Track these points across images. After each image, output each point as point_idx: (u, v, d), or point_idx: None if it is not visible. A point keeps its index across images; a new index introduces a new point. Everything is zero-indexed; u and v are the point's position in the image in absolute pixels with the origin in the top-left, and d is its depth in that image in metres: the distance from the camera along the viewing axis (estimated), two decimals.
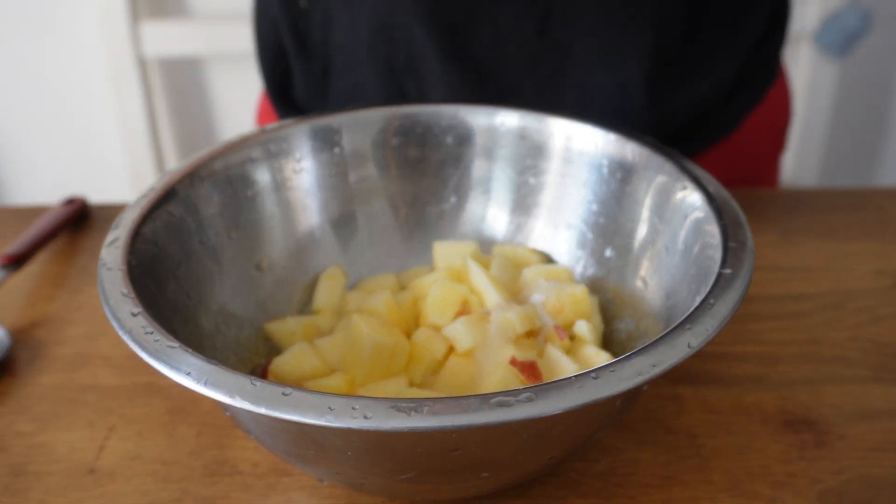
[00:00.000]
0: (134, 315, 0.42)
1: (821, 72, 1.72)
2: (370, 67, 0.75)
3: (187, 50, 1.67)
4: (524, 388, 0.36)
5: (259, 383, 0.37)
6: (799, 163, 1.79)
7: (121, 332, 0.41)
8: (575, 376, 0.37)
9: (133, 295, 0.43)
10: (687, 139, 0.78)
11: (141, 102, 1.70)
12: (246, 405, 0.36)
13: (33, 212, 0.79)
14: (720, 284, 0.43)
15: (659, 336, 0.40)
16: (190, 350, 0.39)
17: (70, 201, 0.78)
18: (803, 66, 1.71)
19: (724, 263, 0.45)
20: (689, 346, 0.39)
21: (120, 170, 1.84)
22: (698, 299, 0.43)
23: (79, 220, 0.78)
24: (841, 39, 1.70)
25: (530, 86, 0.73)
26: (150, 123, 1.73)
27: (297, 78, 0.81)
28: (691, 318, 0.40)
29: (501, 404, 0.35)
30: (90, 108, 1.80)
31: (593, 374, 0.37)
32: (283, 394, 0.36)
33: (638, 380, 0.37)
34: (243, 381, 0.37)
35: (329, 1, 0.73)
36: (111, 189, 1.83)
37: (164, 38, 1.65)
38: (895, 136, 1.91)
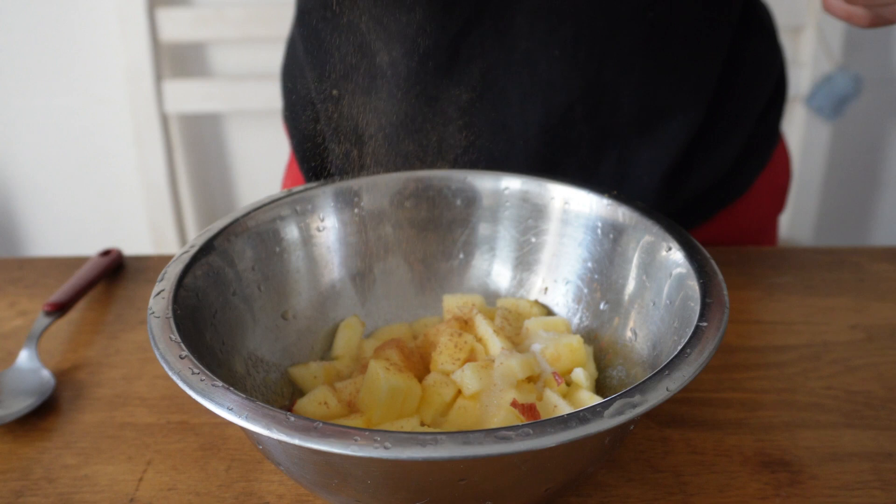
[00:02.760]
0: (181, 358, 0.47)
1: (813, 133, 1.79)
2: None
3: (207, 107, 1.75)
4: (523, 424, 0.42)
5: (293, 417, 0.42)
6: (793, 221, 1.85)
7: (171, 373, 0.46)
8: (567, 415, 0.42)
9: (179, 340, 0.49)
10: (703, 204, 0.84)
11: (162, 156, 1.77)
12: (282, 437, 0.42)
13: (71, 262, 0.85)
14: (697, 336, 0.49)
15: (640, 381, 0.45)
16: (231, 389, 0.45)
17: (106, 252, 0.84)
18: (796, 129, 1.78)
19: (701, 317, 0.50)
20: (667, 390, 0.44)
21: (140, 221, 1.91)
22: (679, 348, 0.49)
23: (115, 270, 0.84)
24: (832, 102, 1.77)
25: (571, 161, 0.79)
26: (171, 176, 1.80)
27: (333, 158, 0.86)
28: (670, 366, 0.46)
29: (503, 438, 0.41)
30: (114, 162, 1.87)
31: (582, 413, 0.43)
32: (315, 427, 0.42)
33: (622, 418, 0.43)
34: (280, 415, 0.43)
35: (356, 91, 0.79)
36: (132, 239, 1.90)
37: (186, 96, 1.73)
38: (887, 195, 1.97)
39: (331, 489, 0.48)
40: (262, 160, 1.87)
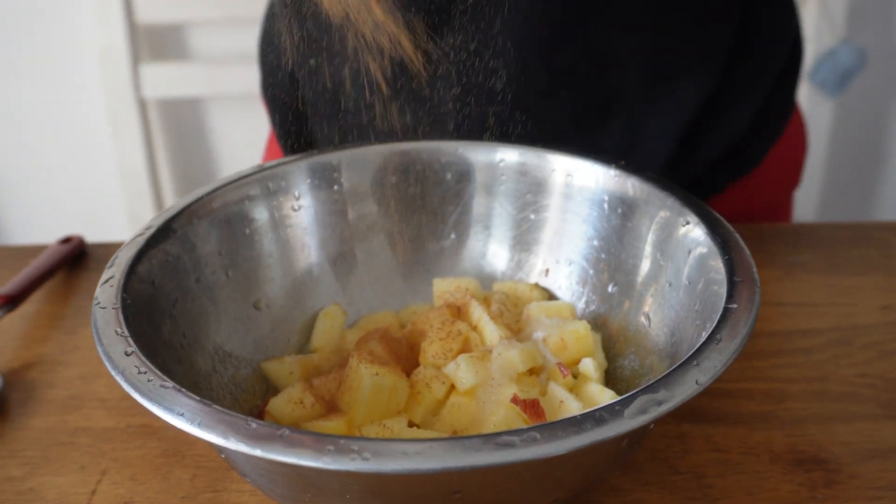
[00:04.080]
0: (127, 354, 0.41)
1: (817, 109, 1.73)
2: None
3: (187, 91, 1.68)
4: (528, 428, 0.35)
5: (255, 424, 0.36)
6: (797, 198, 1.79)
7: (113, 372, 0.40)
8: (580, 415, 0.36)
9: (127, 334, 0.42)
10: (712, 177, 0.79)
11: (140, 143, 1.70)
12: (241, 447, 0.35)
13: (30, 250, 0.78)
14: (727, 320, 0.42)
15: (665, 373, 0.39)
16: (183, 390, 0.38)
17: (67, 240, 0.77)
18: (799, 104, 1.72)
19: (730, 298, 0.44)
20: (696, 383, 0.38)
21: (119, 211, 1.84)
22: (704, 335, 0.42)
23: (76, 259, 0.77)
24: (836, 77, 1.71)
25: (575, 129, 0.73)
26: (150, 164, 1.73)
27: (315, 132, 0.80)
28: (698, 355, 0.40)
29: (505, 445, 0.34)
30: (90, 149, 1.80)
31: (599, 413, 0.36)
32: (280, 435, 0.35)
33: (645, 418, 0.36)
34: (238, 421, 0.36)
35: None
36: (110, 229, 1.83)
37: (164, 80, 1.66)
38: (891, 171, 1.91)
39: None
40: (245, 146, 1.80)
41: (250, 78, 1.63)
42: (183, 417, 0.37)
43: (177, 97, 1.71)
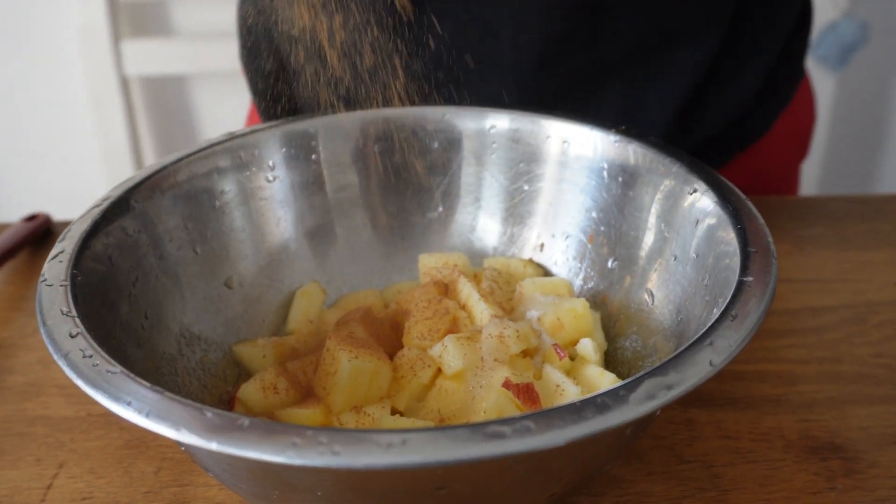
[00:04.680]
0: (72, 336, 0.36)
1: (818, 84, 1.68)
2: None
3: (170, 68, 1.63)
4: (521, 416, 0.31)
5: (211, 413, 0.31)
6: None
7: (56, 356, 0.35)
8: (580, 401, 0.32)
9: (74, 314, 0.38)
10: (720, 146, 0.74)
11: (123, 121, 1.65)
12: (194, 440, 0.31)
13: None
14: (742, 294, 0.38)
15: (674, 353, 0.35)
16: (133, 376, 0.34)
17: (32, 217, 0.73)
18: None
19: (744, 271, 0.40)
20: (710, 365, 0.34)
21: (102, 191, 1.78)
22: (716, 312, 0.38)
23: (42, 237, 0.72)
24: (837, 51, 1.67)
25: (571, 99, 0.69)
26: (133, 143, 1.68)
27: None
28: (711, 333, 0.35)
29: (495, 435, 0.30)
30: (71, 128, 1.75)
31: (601, 399, 0.32)
32: (240, 426, 0.31)
33: (653, 404, 0.32)
34: (192, 411, 0.32)
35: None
36: None
37: (146, 57, 1.61)
38: (892, 146, 1.88)
39: (272, 502, 0.37)
40: (230, 124, 1.75)
41: (235, 53, 1.58)
42: (130, 406, 0.32)
43: (160, 74, 1.66)
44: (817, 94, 1.64)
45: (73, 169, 1.80)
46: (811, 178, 1.76)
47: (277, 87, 0.73)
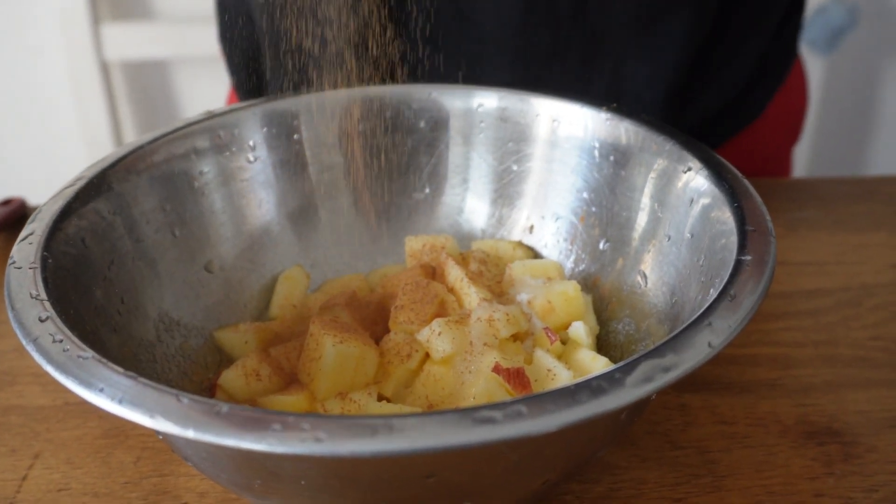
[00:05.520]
0: (42, 321, 0.35)
1: (807, 68, 1.68)
2: None
3: (151, 52, 1.60)
4: (513, 401, 0.29)
5: (187, 400, 0.30)
6: None
7: (24, 341, 0.34)
8: (574, 385, 0.30)
9: (44, 297, 0.36)
10: (712, 128, 0.73)
11: (103, 107, 1.62)
12: (170, 427, 0.29)
13: None
14: (740, 274, 0.37)
15: (671, 335, 0.33)
16: (105, 361, 0.32)
17: (6, 202, 0.71)
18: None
19: (742, 250, 0.38)
20: (709, 346, 0.32)
21: None
22: (713, 292, 0.37)
23: (16, 222, 0.70)
24: (826, 35, 1.66)
25: (557, 74, 0.67)
26: (114, 129, 1.65)
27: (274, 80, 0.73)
28: (710, 313, 0.34)
29: (486, 420, 0.29)
30: (51, 114, 1.72)
31: (596, 382, 0.30)
32: (217, 412, 0.29)
33: (650, 387, 0.31)
34: (167, 398, 0.30)
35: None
36: None
37: (127, 41, 1.58)
38: (881, 130, 1.87)
39: (254, 492, 0.36)
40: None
41: (217, 37, 1.55)
42: (103, 393, 0.31)
43: (141, 59, 1.63)
44: (807, 78, 1.63)
45: (53, 155, 1.77)
46: (800, 162, 1.75)
47: (255, 65, 0.71)
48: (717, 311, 0.34)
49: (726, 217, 0.42)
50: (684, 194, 0.47)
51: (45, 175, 1.79)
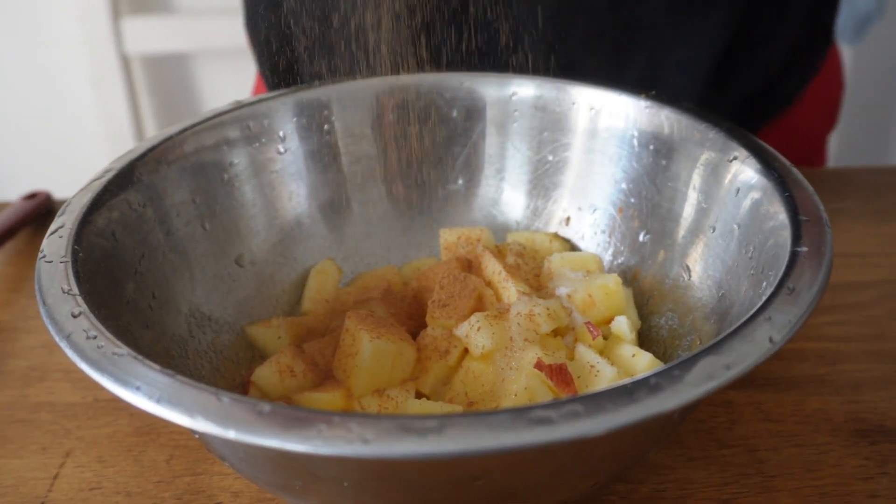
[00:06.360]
0: (75, 316, 0.34)
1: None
2: None
3: (172, 46, 1.60)
4: (567, 400, 0.28)
5: (227, 399, 0.29)
6: None
7: (57, 337, 0.33)
8: (631, 382, 0.29)
9: (76, 292, 0.35)
10: (747, 114, 0.71)
11: (124, 101, 1.62)
12: (210, 428, 0.28)
13: None
14: (797, 265, 0.35)
15: (729, 330, 0.32)
16: (141, 358, 0.31)
17: (32, 196, 0.70)
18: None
19: (797, 241, 0.37)
20: (770, 342, 0.31)
21: None
22: (767, 286, 0.36)
23: (42, 216, 0.70)
24: (853, 24, 1.63)
25: (593, 61, 0.65)
26: (135, 123, 1.65)
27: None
28: (768, 307, 0.33)
29: (541, 421, 0.27)
30: (71, 108, 1.72)
31: (654, 380, 0.29)
32: (259, 412, 0.28)
33: (710, 385, 0.29)
34: (207, 396, 0.29)
35: None
36: None
37: (148, 35, 1.58)
38: None
39: (294, 492, 0.35)
40: None
41: (239, 30, 1.54)
42: (140, 392, 0.30)
43: (161, 52, 1.62)
44: None
45: (74, 149, 1.77)
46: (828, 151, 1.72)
47: (284, 55, 0.70)
48: (775, 305, 0.33)
49: (776, 207, 0.41)
50: (730, 184, 0.45)
51: (66, 169, 1.79)
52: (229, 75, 1.70)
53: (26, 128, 1.76)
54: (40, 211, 0.69)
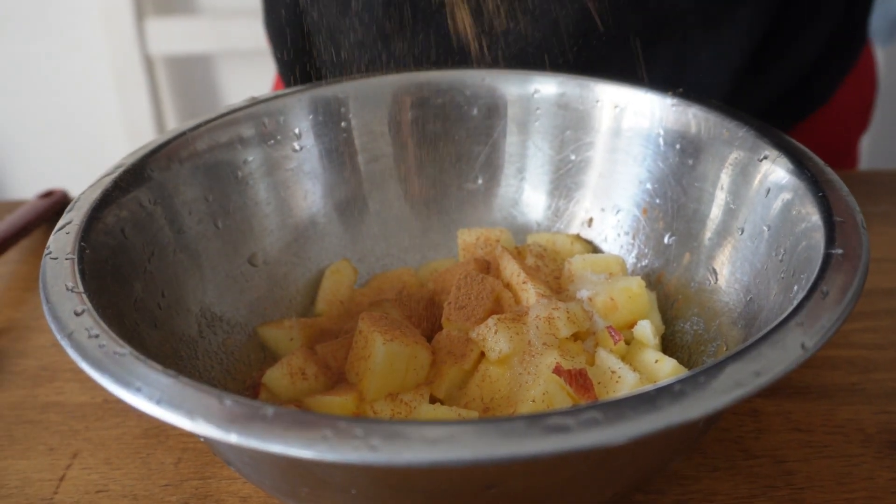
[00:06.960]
0: (77, 314, 0.33)
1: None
2: None
3: (195, 47, 1.60)
4: (586, 407, 0.27)
5: (230, 401, 0.28)
6: None
7: (58, 335, 0.32)
8: (654, 389, 0.27)
9: (81, 290, 0.34)
10: (778, 113, 0.69)
11: (147, 101, 1.63)
12: (211, 431, 0.27)
13: (5, 206, 0.70)
14: (831, 268, 0.33)
15: (758, 336, 0.30)
16: (143, 358, 0.30)
17: (48, 194, 0.69)
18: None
19: (831, 243, 0.35)
20: (803, 348, 0.29)
21: None
22: (798, 290, 0.34)
23: (57, 215, 0.69)
24: (888, 24, 1.60)
25: (619, 57, 0.64)
26: (158, 123, 1.65)
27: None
28: (800, 311, 0.31)
29: (557, 428, 0.26)
30: (95, 108, 1.73)
31: (678, 387, 0.27)
32: (263, 416, 0.27)
33: (738, 393, 0.28)
34: (209, 398, 0.28)
35: None
36: None
37: (171, 36, 1.58)
38: None
39: (301, 499, 0.33)
40: None
41: (262, 31, 1.54)
42: (140, 392, 0.29)
43: (184, 53, 1.63)
44: None
45: (97, 149, 1.78)
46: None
47: (303, 56, 0.69)
48: (808, 309, 0.31)
49: (809, 209, 0.39)
50: (760, 185, 0.43)
51: (88, 170, 1.79)
52: (252, 76, 1.70)
53: (50, 128, 1.77)
54: (56, 209, 0.68)
